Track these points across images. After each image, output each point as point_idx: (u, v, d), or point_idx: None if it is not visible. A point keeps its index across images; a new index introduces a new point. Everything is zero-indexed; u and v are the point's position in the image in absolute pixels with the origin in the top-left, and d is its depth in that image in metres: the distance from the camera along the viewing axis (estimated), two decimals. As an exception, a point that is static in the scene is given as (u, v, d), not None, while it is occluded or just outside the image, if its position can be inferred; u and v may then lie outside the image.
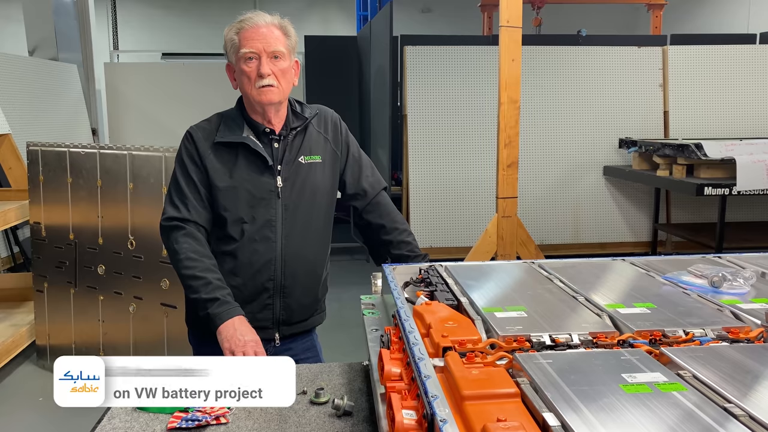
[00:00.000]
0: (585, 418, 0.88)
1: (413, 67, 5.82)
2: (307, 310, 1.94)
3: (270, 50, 1.74)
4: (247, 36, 1.74)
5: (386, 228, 1.97)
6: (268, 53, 1.74)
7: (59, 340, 3.84)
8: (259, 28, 1.74)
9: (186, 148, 1.83)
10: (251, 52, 1.74)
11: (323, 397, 1.44)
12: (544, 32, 7.36)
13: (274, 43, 1.74)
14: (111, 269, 3.54)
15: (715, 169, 4.67)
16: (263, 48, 1.73)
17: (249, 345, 1.60)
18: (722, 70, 5.97)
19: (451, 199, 5.85)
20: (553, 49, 5.95)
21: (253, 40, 1.73)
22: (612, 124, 5.93)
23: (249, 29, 1.74)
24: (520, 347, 1.16)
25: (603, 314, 1.32)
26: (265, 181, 1.80)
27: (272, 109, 1.80)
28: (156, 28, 12.60)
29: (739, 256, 1.79)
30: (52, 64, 5.92)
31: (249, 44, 1.73)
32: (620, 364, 1.05)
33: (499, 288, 1.56)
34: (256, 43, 1.73)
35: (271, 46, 1.74)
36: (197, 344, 1.92)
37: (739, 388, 0.96)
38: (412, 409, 1.01)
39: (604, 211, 6.03)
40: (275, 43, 1.75)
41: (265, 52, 1.74)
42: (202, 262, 1.73)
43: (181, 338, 2.92)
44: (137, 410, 1.42)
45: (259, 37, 1.74)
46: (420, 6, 12.74)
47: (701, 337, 1.20)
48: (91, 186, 3.58)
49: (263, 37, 1.74)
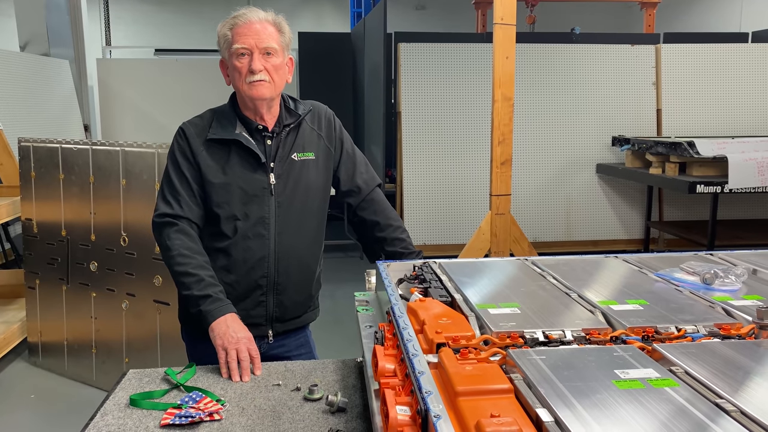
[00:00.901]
0: (578, 414, 0.88)
1: (407, 64, 5.82)
2: (301, 306, 1.94)
3: (262, 46, 1.73)
4: (239, 32, 1.74)
5: (380, 225, 1.97)
6: (260, 49, 1.73)
7: (51, 337, 3.82)
8: (253, 24, 1.74)
9: (178, 145, 1.82)
10: (243, 48, 1.73)
11: (317, 393, 1.44)
12: (538, 30, 7.37)
13: (266, 39, 1.74)
14: (103, 266, 3.53)
15: (707, 167, 4.70)
16: (255, 44, 1.73)
17: (242, 342, 1.60)
18: (715, 68, 6.00)
19: (444, 197, 5.86)
20: (547, 47, 5.96)
21: (246, 36, 1.73)
22: (605, 121, 5.95)
23: (242, 25, 1.74)
24: (513, 343, 1.16)
25: (596, 311, 1.32)
26: (258, 178, 1.80)
27: (264, 105, 1.80)
28: (149, 24, 12.53)
29: (731, 254, 1.80)
30: (43, 60, 5.87)
31: (241, 40, 1.73)
32: (613, 360, 1.06)
33: (493, 285, 1.56)
34: (249, 39, 1.73)
35: (263, 42, 1.73)
36: (190, 341, 1.91)
37: (731, 384, 0.97)
38: (406, 405, 1.01)
39: (597, 208, 6.05)
40: (268, 39, 1.74)
41: (257, 48, 1.73)
42: (194, 258, 1.73)
43: (174, 335, 2.92)
44: (130, 407, 1.42)
45: (252, 33, 1.73)
46: (414, 3, 12.74)
47: (693, 333, 1.20)
48: (83, 182, 3.56)
49: (256, 33, 1.73)
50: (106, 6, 11.16)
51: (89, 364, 3.66)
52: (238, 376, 1.55)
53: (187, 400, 1.42)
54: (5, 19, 9.62)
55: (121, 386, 1.52)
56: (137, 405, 1.41)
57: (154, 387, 1.51)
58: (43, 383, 3.74)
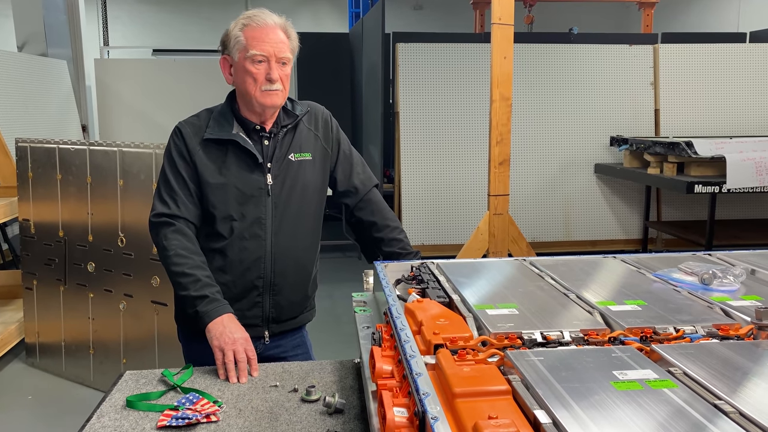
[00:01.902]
0: (576, 415, 0.88)
1: (405, 64, 5.82)
2: (297, 307, 1.94)
3: (280, 56, 1.74)
4: (255, 36, 1.73)
5: (378, 225, 1.97)
6: (278, 58, 1.74)
7: (49, 337, 3.82)
8: (268, 29, 1.73)
9: (175, 144, 1.81)
10: (261, 55, 1.72)
11: (314, 394, 1.44)
12: (535, 30, 7.37)
13: (283, 48, 1.75)
14: (101, 266, 3.52)
15: (705, 167, 4.70)
16: (274, 53, 1.73)
17: (238, 343, 1.59)
18: (713, 68, 6.01)
19: (443, 197, 5.85)
20: (544, 47, 5.96)
21: (263, 43, 1.72)
22: (603, 121, 5.95)
23: (256, 28, 1.73)
24: (511, 344, 1.16)
25: (594, 311, 1.32)
26: (255, 178, 1.79)
27: (271, 111, 1.80)
28: (146, 24, 12.51)
29: (729, 254, 1.80)
30: (41, 60, 5.86)
31: (259, 46, 1.72)
32: (611, 361, 1.05)
33: (491, 285, 1.55)
34: (267, 47, 1.72)
35: (281, 52, 1.74)
36: (186, 342, 1.91)
37: (729, 385, 0.97)
38: (403, 407, 1.00)
39: (595, 208, 6.05)
40: (284, 49, 1.75)
41: (275, 56, 1.73)
42: (191, 259, 1.72)
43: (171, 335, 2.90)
44: (127, 408, 1.41)
45: (270, 41, 1.73)
46: (412, 3, 12.74)
47: (692, 334, 1.20)
48: (80, 183, 3.55)
49: (273, 41, 1.73)
50: (103, 6, 11.13)
51: (87, 365, 3.66)
52: (235, 377, 1.55)
53: (184, 401, 1.41)
54: (3, 19, 9.61)
55: (118, 388, 1.52)
56: (134, 407, 1.41)
57: (151, 388, 1.50)
58: (40, 384, 3.73)
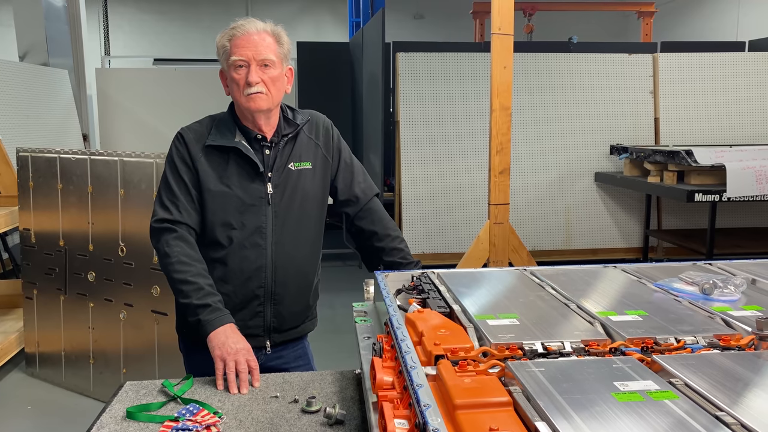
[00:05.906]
0: (577, 427, 0.87)
1: (406, 73, 5.84)
2: (299, 317, 1.93)
3: (260, 58, 1.73)
4: (238, 43, 1.74)
5: (378, 235, 1.97)
6: (258, 61, 1.73)
7: (49, 347, 3.81)
8: (251, 35, 1.74)
9: (177, 150, 1.81)
10: (241, 60, 1.73)
11: (315, 405, 1.43)
12: (535, 39, 7.40)
13: (264, 51, 1.74)
14: (101, 276, 3.51)
15: (705, 175, 4.71)
16: (253, 56, 1.73)
17: (240, 353, 1.58)
18: (712, 77, 6.02)
19: (443, 206, 5.86)
20: (544, 56, 5.98)
21: (244, 48, 1.73)
22: (603, 130, 5.96)
23: (240, 37, 1.74)
24: (512, 355, 1.16)
25: (595, 322, 1.32)
26: (256, 187, 1.80)
27: (262, 117, 1.80)
28: (148, 34, 12.57)
29: (730, 263, 1.80)
30: (43, 70, 5.88)
31: (239, 52, 1.73)
32: (612, 372, 1.05)
33: (492, 295, 1.55)
34: (246, 51, 1.73)
35: (260, 54, 1.73)
36: (187, 352, 1.90)
37: (731, 396, 0.96)
38: (404, 419, 1.00)
39: (595, 217, 6.05)
40: (265, 51, 1.74)
41: (254, 60, 1.73)
42: (193, 266, 1.72)
43: (172, 345, 2.90)
44: (127, 419, 1.41)
45: (250, 45, 1.73)
46: (412, 12, 12.79)
47: (693, 344, 1.20)
48: (81, 192, 3.56)
49: (254, 45, 1.73)
50: (105, 16, 11.20)
51: (87, 375, 3.65)
52: (235, 388, 1.54)
53: (184, 412, 1.41)
54: (4, 28, 9.65)
55: (118, 398, 1.51)
56: (134, 417, 1.40)
57: (151, 399, 1.50)
58: (40, 394, 3.72)
